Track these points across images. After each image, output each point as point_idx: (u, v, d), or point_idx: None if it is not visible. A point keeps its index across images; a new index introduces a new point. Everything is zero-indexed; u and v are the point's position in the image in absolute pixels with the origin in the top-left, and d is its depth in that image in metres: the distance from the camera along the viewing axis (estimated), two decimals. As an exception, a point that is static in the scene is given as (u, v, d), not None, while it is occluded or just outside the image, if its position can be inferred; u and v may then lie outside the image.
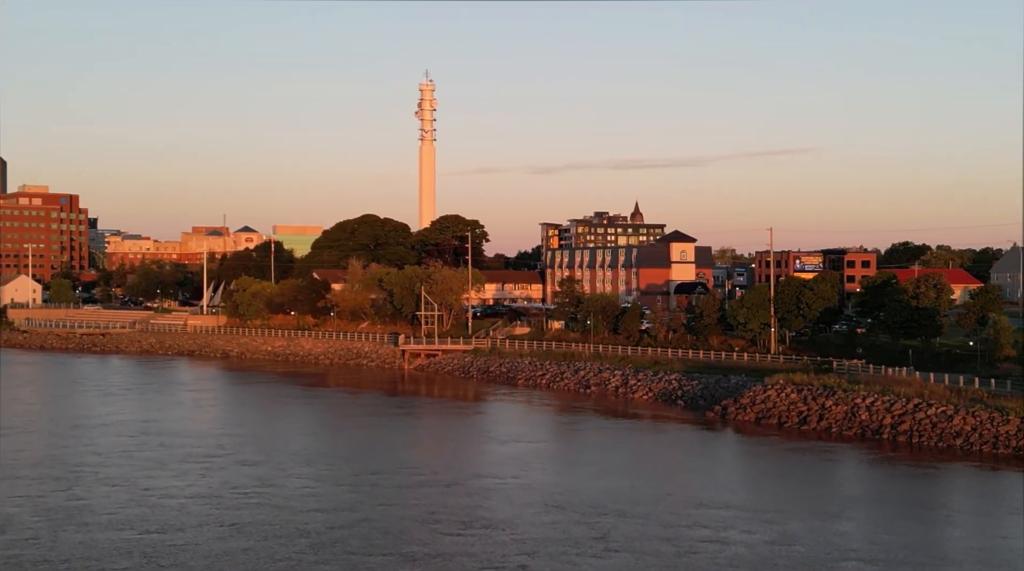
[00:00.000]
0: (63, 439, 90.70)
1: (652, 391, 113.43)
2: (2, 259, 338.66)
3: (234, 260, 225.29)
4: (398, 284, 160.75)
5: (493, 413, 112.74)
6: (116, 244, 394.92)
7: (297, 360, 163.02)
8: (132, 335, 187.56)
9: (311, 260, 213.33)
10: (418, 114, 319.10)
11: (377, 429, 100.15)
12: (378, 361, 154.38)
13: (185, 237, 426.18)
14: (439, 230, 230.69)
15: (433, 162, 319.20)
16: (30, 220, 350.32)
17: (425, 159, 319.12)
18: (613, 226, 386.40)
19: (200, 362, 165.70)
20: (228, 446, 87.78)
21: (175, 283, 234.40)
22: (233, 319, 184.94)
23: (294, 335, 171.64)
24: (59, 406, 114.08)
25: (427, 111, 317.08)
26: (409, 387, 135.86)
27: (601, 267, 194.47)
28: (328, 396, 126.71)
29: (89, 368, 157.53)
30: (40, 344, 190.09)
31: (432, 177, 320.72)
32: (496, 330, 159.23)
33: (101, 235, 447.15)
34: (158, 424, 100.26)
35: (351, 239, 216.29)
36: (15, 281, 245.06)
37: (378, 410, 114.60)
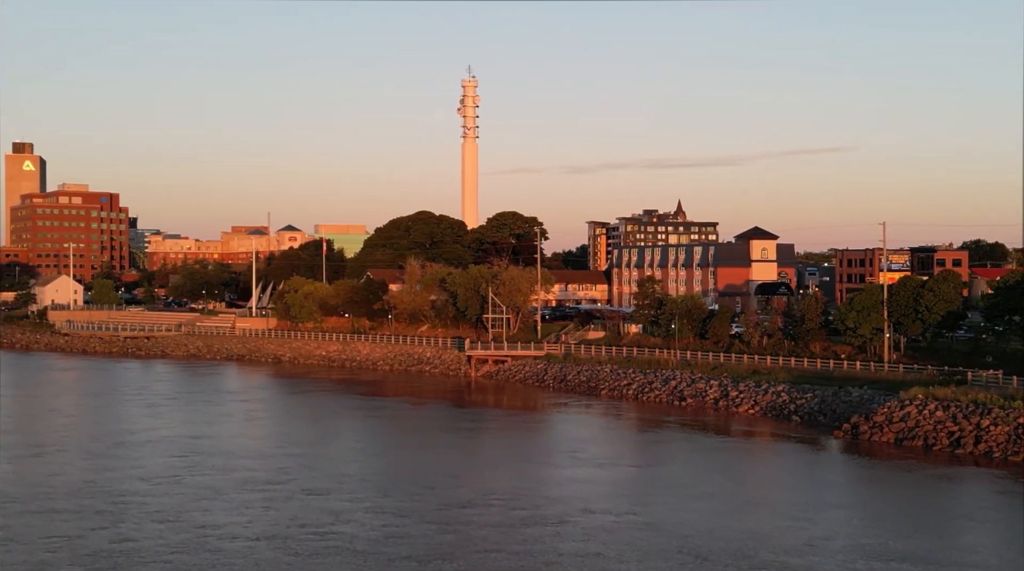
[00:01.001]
0: (105, 460, 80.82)
1: (758, 404, 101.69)
2: (42, 259, 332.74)
3: (282, 259, 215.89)
4: (462, 285, 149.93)
5: (581, 428, 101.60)
6: (157, 243, 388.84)
7: (353, 366, 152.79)
8: (178, 338, 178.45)
9: (364, 259, 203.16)
10: (460, 111, 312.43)
11: (452, 448, 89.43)
12: (441, 368, 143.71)
13: (226, 236, 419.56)
14: (496, 228, 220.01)
15: (476, 159, 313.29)
16: (70, 219, 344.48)
17: (468, 157, 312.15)
18: (663, 224, 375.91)
19: (250, 368, 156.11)
20: (290, 469, 77.40)
21: (220, 283, 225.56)
22: (284, 322, 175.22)
23: (349, 339, 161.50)
24: (100, 419, 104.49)
25: (470, 108, 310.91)
26: (478, 397, 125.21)
27: (674, 266, 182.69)
28: (390, 407, 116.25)
29: (132, 374, 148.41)
30: (82, 348, 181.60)
31: (475, 175, 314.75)
32: (567, 334, 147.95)
33: (141, 234, 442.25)
34: (209, 441, 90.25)
35: (405, 237, 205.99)
36: (56, 281, 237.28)
37: (448, 424, 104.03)
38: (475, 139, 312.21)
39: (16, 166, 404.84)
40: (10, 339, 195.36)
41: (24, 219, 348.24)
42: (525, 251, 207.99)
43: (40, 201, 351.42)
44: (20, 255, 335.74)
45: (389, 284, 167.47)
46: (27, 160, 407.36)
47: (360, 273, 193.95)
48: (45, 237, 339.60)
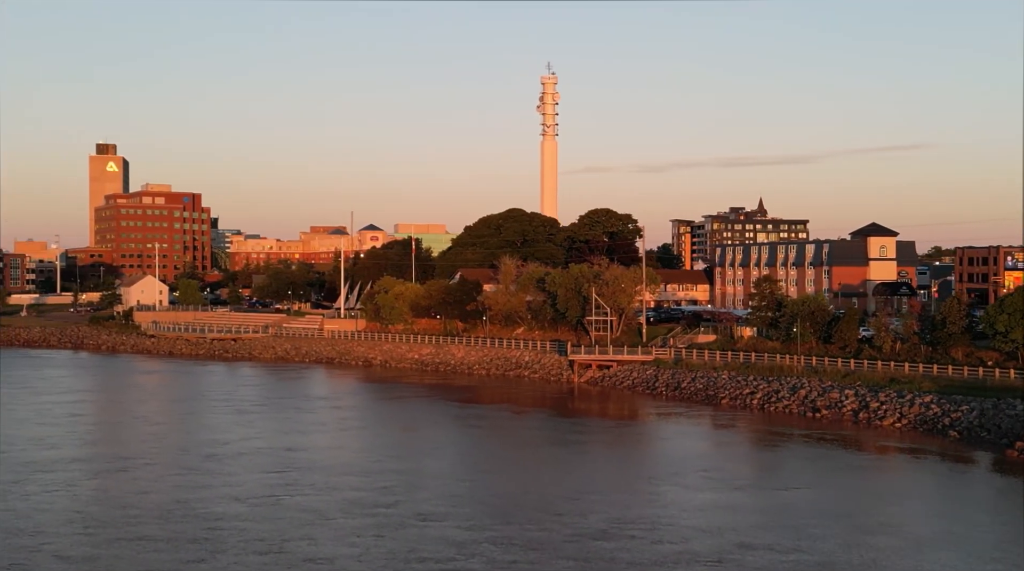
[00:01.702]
0: (196, 475, 74.86)
1: (905, 417, 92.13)
2: (126, 259, 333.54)
3: (368, 259, 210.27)
4: (562, 285, 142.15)
5: (707, 442, 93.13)
6: (239, 243, 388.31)
7: (447, 370, 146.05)
8: (265, 340, 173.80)
9: (454, 258, 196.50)
10: (540, 108, 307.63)
11: (567, 464, 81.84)
12: (541, 373, 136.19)
13: (306, 236, 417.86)
14: (588, 225, 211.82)
15: (555, 157, 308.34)
16: (153, 219, 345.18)
17: (547, 154, 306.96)
18: (750, 222, 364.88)
19: (338, 371, 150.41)
20: (396, 489, 70.54)
21: (305, 284, 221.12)
22: (373, 323, 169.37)
23: (442, 342, 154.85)
24: (188, 428, 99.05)
25: (549, 105, 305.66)
26: (583, 405, 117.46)
27: (783, 265, 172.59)
28: (490, 416, 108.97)
29: (218, 378, 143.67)
30: (169, 350, 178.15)
31: (554, 173, 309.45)
32: (675, 338, 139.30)
33: (222, 234, 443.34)
34: (305, 454, 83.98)
35: (496, 236, 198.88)
36: (141, 282, 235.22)
37: (557, 435, 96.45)
38: (554, 137, 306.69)
39: (100, 167, 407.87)
40: (96, 341, 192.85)
41: (108, 219, 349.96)
42: (620, 250, 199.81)
43: (124, 201, 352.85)
44: (104, 255, 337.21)
45: (483, 284, 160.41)
46: (111, 161, 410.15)
47: (449, 273, 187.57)
48: (129, 237, 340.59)
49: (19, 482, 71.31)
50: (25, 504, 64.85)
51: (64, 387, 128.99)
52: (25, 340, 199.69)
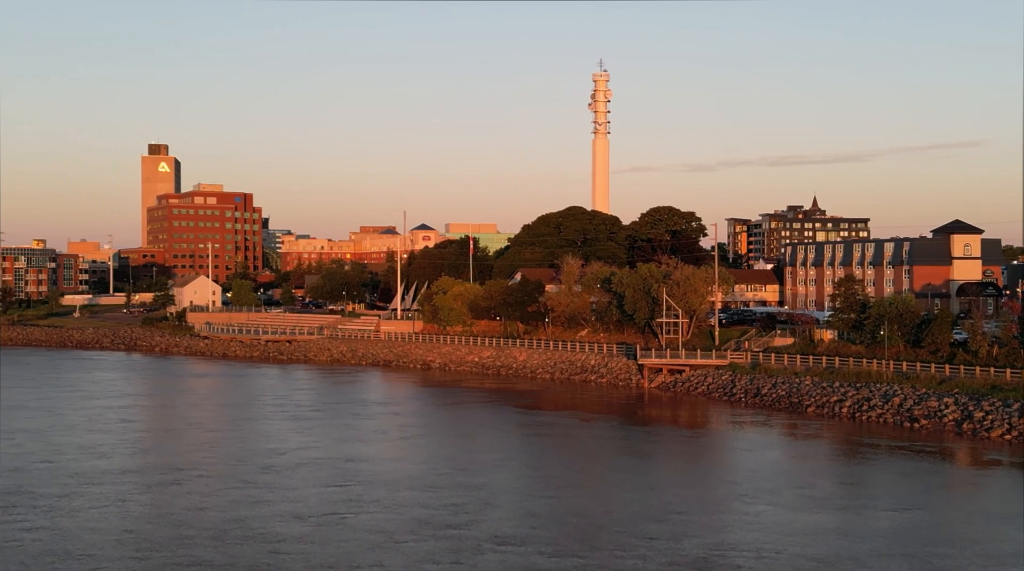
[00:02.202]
0: (253, 489, 70.20)
1: (1016, 428, 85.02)
2: (178, 259, 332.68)
3: (423, 258, 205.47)
4: (630, 285, 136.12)
5: (798, 455, 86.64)
6: (290, 243, 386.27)
7: (509, 374, 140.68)
8: (321, 342, 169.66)
9: (513, 258, 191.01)
10: (591, 106, 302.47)
11: (648, 478, 76.58)
12: (609, 377, 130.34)
13: (357, 236, 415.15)
14: (650, 223, 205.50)
15: (607, 156, 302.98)
16: (205, 219, 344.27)
17: (599, 153, 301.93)
18: (809, 220, 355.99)
19: (395, 374, 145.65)
20: (467, 507, 65.31)
21: (359, 284, 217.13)
22: (431, 325, 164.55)
23: (503, 344, 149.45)
24: (243, 435, 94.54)
25: (601, 103, 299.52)
26: (656, 412, 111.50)
27: (860, 264, 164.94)
28: (557, 423, 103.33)
29: (272, 381, 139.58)
30: (223, 352, 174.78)
31: (606, 172, 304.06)
32: (750, 341, 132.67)
33: (273, 235, 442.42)
34: (366, 466, 79.12)
35: (555, 234, 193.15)
36: (194, 282, 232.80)
37: (632, 446, 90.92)
38: (606, 135, 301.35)
39: (152, 167, 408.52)
40: (149, 342, 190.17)
41: (160, 220, 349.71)
42: (683, 248, 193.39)
43: (176, 201, 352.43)
44: (156, 255, 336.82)
45: (544, 285, 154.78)
46: (162, 161, 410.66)
47: (507, 273, 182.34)
48: (181, 237, 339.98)
49: (67, 496, 67.12)
50: (73, 522, 60.54)
51: (116, 391, 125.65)
52: (78, 341, 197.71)
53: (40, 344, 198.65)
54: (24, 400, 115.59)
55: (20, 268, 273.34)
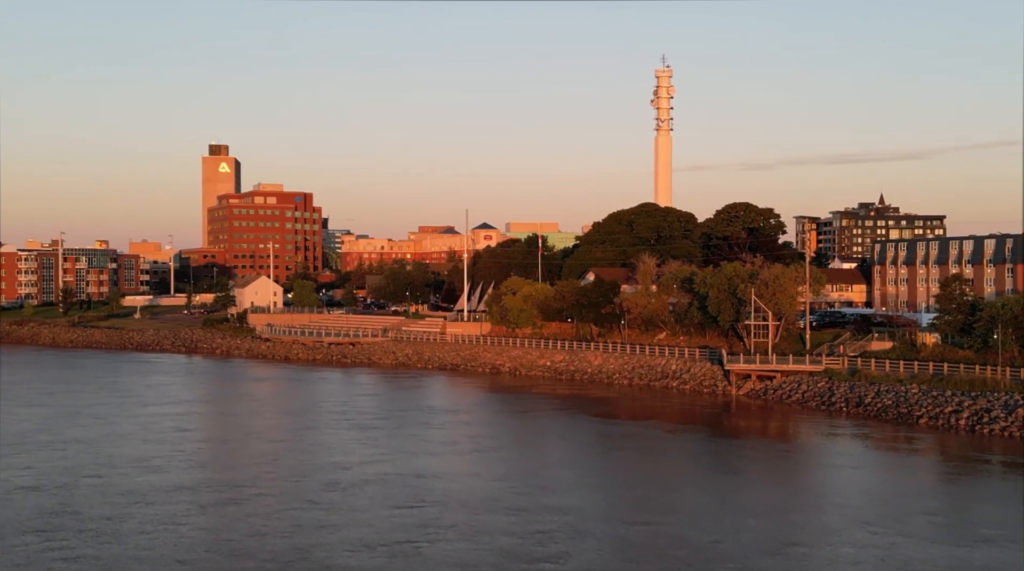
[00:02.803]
0: (316, 511, 64.00)
1: None
2: (238, 260, 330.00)
3: (488, 258, 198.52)
4: (714, 285, 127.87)
5: (923, 472, 78.07)
6: (350, 243, 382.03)
7: (584, 379, 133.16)
8: (385, 345, 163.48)
9: (583, 257, 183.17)
10: (654, 102, 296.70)
11: (754, 500, 69.15)
12: (692, 384, 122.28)
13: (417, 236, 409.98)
14: (726, 221, 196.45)
15: (670, 153, 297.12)
16: (265, 219, 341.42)
17: (661, 150, 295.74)
18: (882, 218, 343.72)
19: (463, 379, 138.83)
20: (556, 535, 58.51)
21: (423, 284, 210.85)
22: (499, 327, 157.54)
23: (576, 347, 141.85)
24: (304, 447, 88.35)
25: (663, 99, 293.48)
26: (746, 422, 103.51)
27: (956, 263, 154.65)
28: (640, 435, 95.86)
29: (334, 386, 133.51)
30: (284, 355, 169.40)
31: (669, 169, 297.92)
32: (844, 345, 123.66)
33: (332, 235, 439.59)
34: (439, 483, 72.58)
35: (628, 232, 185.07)
36: (255, 283, 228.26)
37: (726, 462, 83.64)
38: (669, 132, 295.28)
39: (212, 168, 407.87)
40: (210, 344, 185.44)
41: (220, 220, 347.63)
42: (763, 247, 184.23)
43: (236, 201, 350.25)
44: (217, 256, 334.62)
45: (619, 285, 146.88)
46: (223, 162, 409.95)
47: (577, 272, 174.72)
48: (241, 237, 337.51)
49: (116, 518, 61.25)
50: (120, 550, 54.59)
51: (173, 396, 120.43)
52: (138, 343, 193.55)
53: (100, 346, 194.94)
54: (78, 406, 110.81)
55: (81, 269, 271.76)
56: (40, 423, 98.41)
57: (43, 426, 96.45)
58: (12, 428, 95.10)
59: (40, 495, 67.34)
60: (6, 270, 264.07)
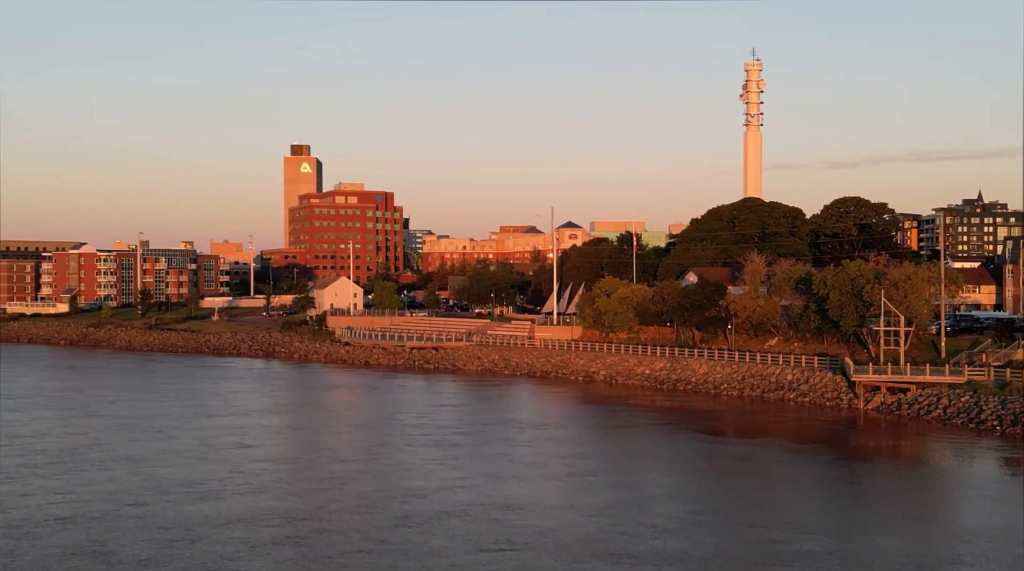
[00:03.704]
0: (387, 553, 54.79)
1: None
2: (319, 260, 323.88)
3: (577, 257, 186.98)
4: (836, 286, 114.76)
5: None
6: (431, 243, 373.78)
7: (687, 389, 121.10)
8: (470, 350, 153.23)
9: (681, 256, 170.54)
10: (743, 97, 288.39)
11: (916, 544, 57.26)
12: (812, 396, 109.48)
13: (500, 235, 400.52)
14: (836, 217, 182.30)
15: (760, 149, 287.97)
16: (346, 219, 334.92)
17: (751, 146, 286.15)
18: (989, 214, 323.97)
19: (552, 387, 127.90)
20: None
21: (508, 285, 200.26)
22: (592, 331, 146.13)
23: (678, 354, 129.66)
24: (378, 468, 78.65)
25: (753, 93, 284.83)
26: (878, 441, 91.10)
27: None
28: (755, 456, 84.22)
29: (413, 396, 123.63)
30: (364, 360, 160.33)
31: (758, 166, 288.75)
32: (987, 353, 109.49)
33: (413, 235, 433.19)
34: (526, 518, 62.60)
35: (729, 229, 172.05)
36: (335, 284, 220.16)
37: (866, 491, 72.59)
38: (759, 127, 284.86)
39: (294, 168, 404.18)
40: (287, 348, 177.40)
41: (301, 220, 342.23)
42: (878, 244, 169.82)
43: (317, 201, 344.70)
44: (298, 256, 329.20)
45: (726, 286, 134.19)
46: (304, 162, 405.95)
47: (675, 272, 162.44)
48: (322, 238, 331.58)
49: (151, 562, 52.09)
50: (146, 607, 44.46)
51: (239, 407, 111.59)
52: (215, 347, 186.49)
53: (176, 350, 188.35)
54: (138, 417, 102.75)
55: (161, 270, 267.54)
56: (93, 437, 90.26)
57: (96, 441, 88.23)
58: (62, 443, 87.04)
59: (72, 529, 58.41)
60: (86, 271, 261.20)
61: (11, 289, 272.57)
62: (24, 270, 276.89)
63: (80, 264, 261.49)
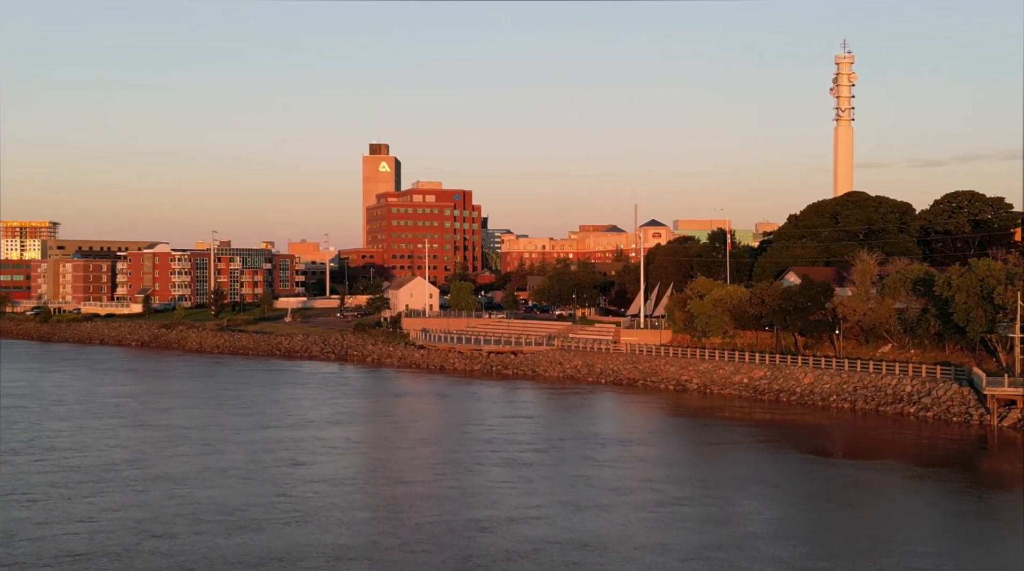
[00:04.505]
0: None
1: None
2: (396, 260, 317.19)
3: (665, 256, 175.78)
4: (962, 288, 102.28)
5: None
6: (510, 242, 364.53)
7: (791, 401, 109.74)
8: (551, 354, 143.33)
9: (779, 254, 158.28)
10: (833, 91, 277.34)
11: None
12: (935, 410, 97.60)
13: (580, 234, 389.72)
14: (948, 212, 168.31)
15: (851, 146, 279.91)
16: (423, 218, 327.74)
17: (841, 142, 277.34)
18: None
19: (639, 396, 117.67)
20: None
21: (591, 286, 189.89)
22: (682, 335, 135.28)
23: (779, 361, 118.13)
24: (441, 491, 69.96)
25: (844, 87, 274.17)
26: (1013, 465, 79.02)
27: None
28: (874, 482, 74.04)
29: (490, 404, 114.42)
30: (440, 364, 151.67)
31: (849, 162, 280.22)
32: None
33: (491, 234, 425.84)
34: (609, 561, 53.23)
35: (831, 225, 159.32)
36: (410, 284, 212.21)
37: (1012, 525, 59.28)
38: (850, 123, 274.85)
39: (373, 167, 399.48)
40: (360, 352, 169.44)
41: (379, 219, 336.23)
42: (996, 241, 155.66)
43: (394, 200, 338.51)
44: (375, 256, 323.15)
45: (832, 287, 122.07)
46: (383, 161, 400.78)
47: (773, 272, 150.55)
48: (399, 237, 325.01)
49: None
50: None
51: (297, 416, 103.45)
52: (286, 350, 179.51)
53: (247, 353, 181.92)
54: (189, 427, 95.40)
55: (235, 269, 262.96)
56: (135, 451, 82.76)
57: (137, 456, 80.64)
58: (100, 458, 79.62)
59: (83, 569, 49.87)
60: (160, 271, 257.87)
61: (87, 289, 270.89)
62: (100, 270, 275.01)
63: (154, 264, 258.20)
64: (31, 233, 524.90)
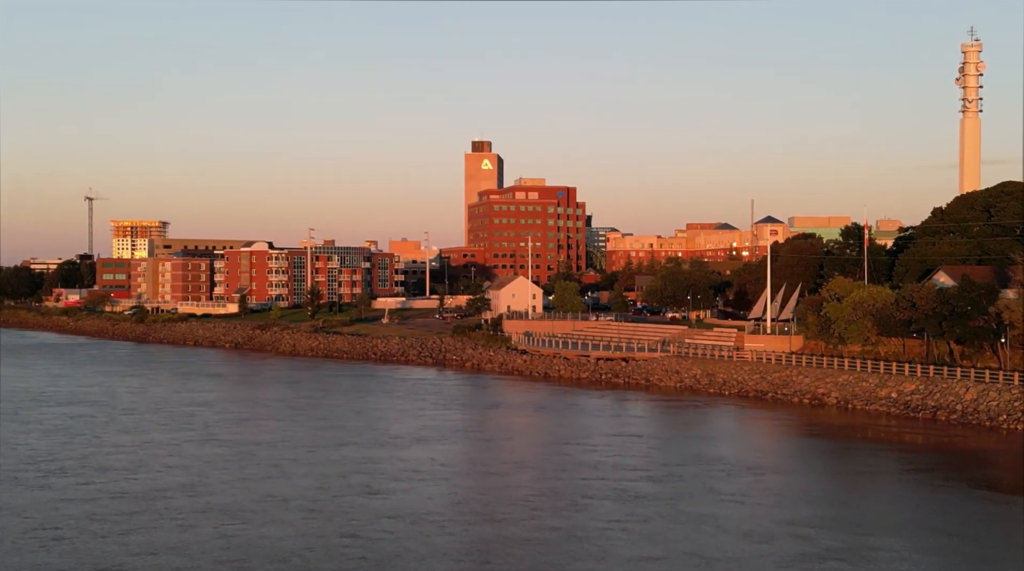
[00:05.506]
0: None
1: None
2: (498, 259, 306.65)
3: (790, 254, 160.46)
4: None
5: None
6: (616, 241, 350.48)
7: (950, 420, 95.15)
8: (666, 362, 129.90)
9: (924, 251, 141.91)
10: (959, 81, 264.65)
11: None
12: None
13: (689, 232, 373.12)
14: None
15: (978, 139, 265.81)
16: (526, 216, 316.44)
17: (968, 134, 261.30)
18: None
19: (767, 412, 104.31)
20: None
21: (707, 286, 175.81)
22: (815, 341, 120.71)
23: (933, 373, 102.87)
24: (532, 533, 57.72)
25: (971, 77, 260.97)
26: None
27: None
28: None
29: (596, 420, 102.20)
30: (544, 371, 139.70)
31: (977, 155, 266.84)
32: None
33: (595, 232, 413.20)
34: None
35: (982, 219, 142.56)
36: (512, 284, 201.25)
37: None
38: (977, 114, 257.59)
39: (475, 165, 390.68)
40: (459, 356, 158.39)
41: (480, 217, 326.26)
42: None
43: (496, 197, 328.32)
44: (476, 255, 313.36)
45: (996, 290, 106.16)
46: (485, 158, 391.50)
47: (916, 273, 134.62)
48: (501, 235, 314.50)
49: None
50: None
51: (380, 431, 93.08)
52: (382, 353, 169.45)
53: (342, 356, 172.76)
54: (261, 444, 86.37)
55: (333, 269, 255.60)
56: (194, 473, 73.00)
57: (194, 479, 70.81)
58: (154, 482, 70.08)
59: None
60: (257, 270, 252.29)
61: (186, 288, 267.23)
62: (199, 269, 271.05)
63: (251, 262, 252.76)
64: (141, 232, 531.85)
